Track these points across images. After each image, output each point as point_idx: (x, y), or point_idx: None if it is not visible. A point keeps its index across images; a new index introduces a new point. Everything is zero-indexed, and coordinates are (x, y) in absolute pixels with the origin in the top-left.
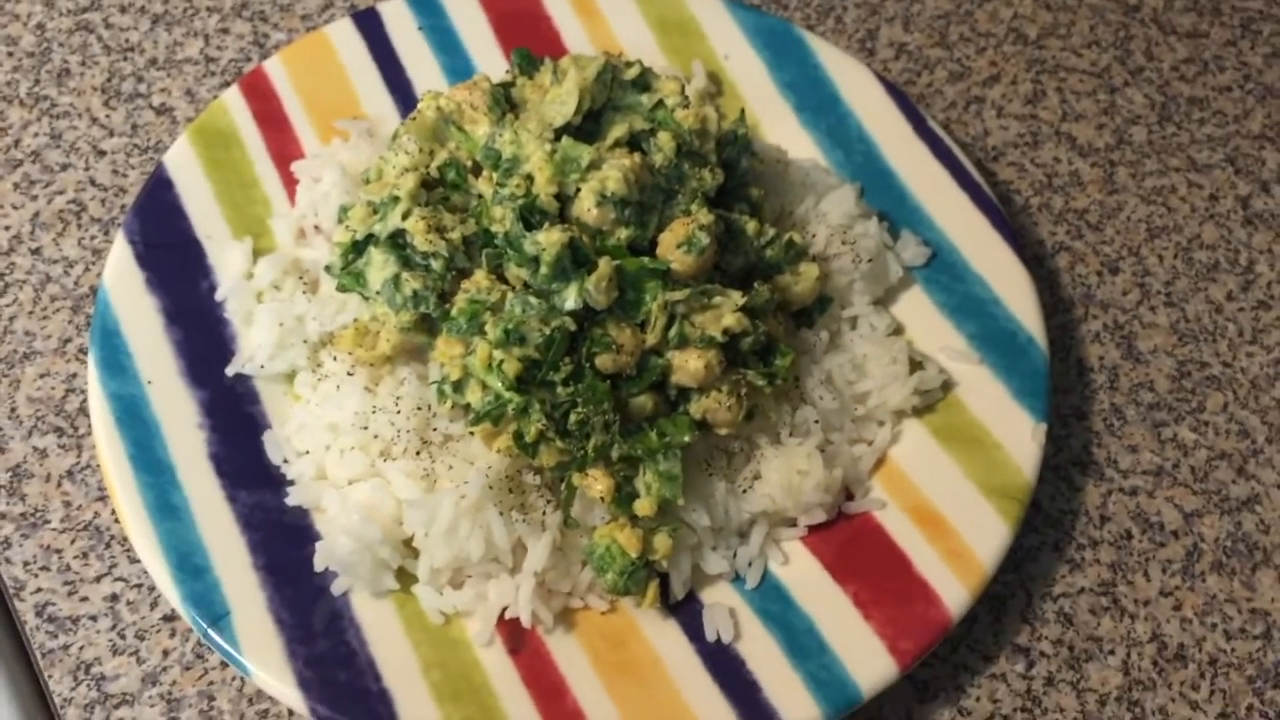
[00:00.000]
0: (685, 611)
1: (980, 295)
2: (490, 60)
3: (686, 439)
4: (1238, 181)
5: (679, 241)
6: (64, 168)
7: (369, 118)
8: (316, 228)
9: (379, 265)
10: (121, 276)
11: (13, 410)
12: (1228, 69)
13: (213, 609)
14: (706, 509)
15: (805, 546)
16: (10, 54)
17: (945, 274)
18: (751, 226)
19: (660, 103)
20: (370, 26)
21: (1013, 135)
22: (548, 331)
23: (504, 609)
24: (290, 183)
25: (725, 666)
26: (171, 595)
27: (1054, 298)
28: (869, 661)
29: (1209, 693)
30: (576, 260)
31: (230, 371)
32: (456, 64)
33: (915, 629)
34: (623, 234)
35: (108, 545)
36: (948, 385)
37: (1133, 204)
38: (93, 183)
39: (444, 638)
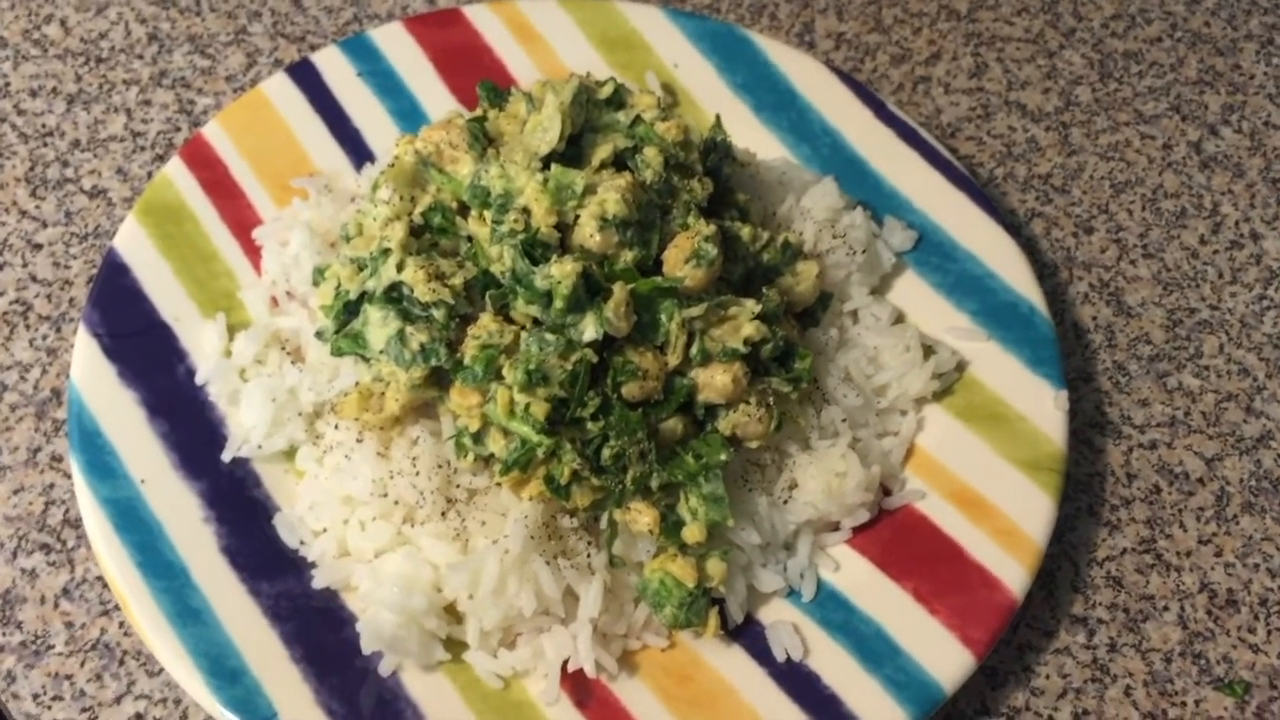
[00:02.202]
0: (747, 635)
1: (974, 271)
2: (437, 98)
3: (723, 457)
4: (1186, 128)
5: (685, 256)
6: (0, 267)
7: (323, 173)
8: (289, 294)
9: (378, 323)
10: (92, 373)
11: None
12: (1154, 20)
13: (259, 712)
14: (754, 525)
15: (853, 549)
16: None
17: (935, 255)
18: (746, 232)
19: (638, 118)
20: (307, 78)
21: (964, 110)
22: (569, 367)
23: (565, 661)
24: (253, 251)
25: (800, 684)
26: (210, 705)
27: (1037, 264)
28: (944, 656)
29: (1266, 634)
30: (589, 289)
31: (226, 457)
32: (402, 106)
33: (982, 616)
34: (628, 256)
35: (121, 662)
36: (961, 365)
37: (1093, 163)
38: (34, 279)
39: (506, 702)
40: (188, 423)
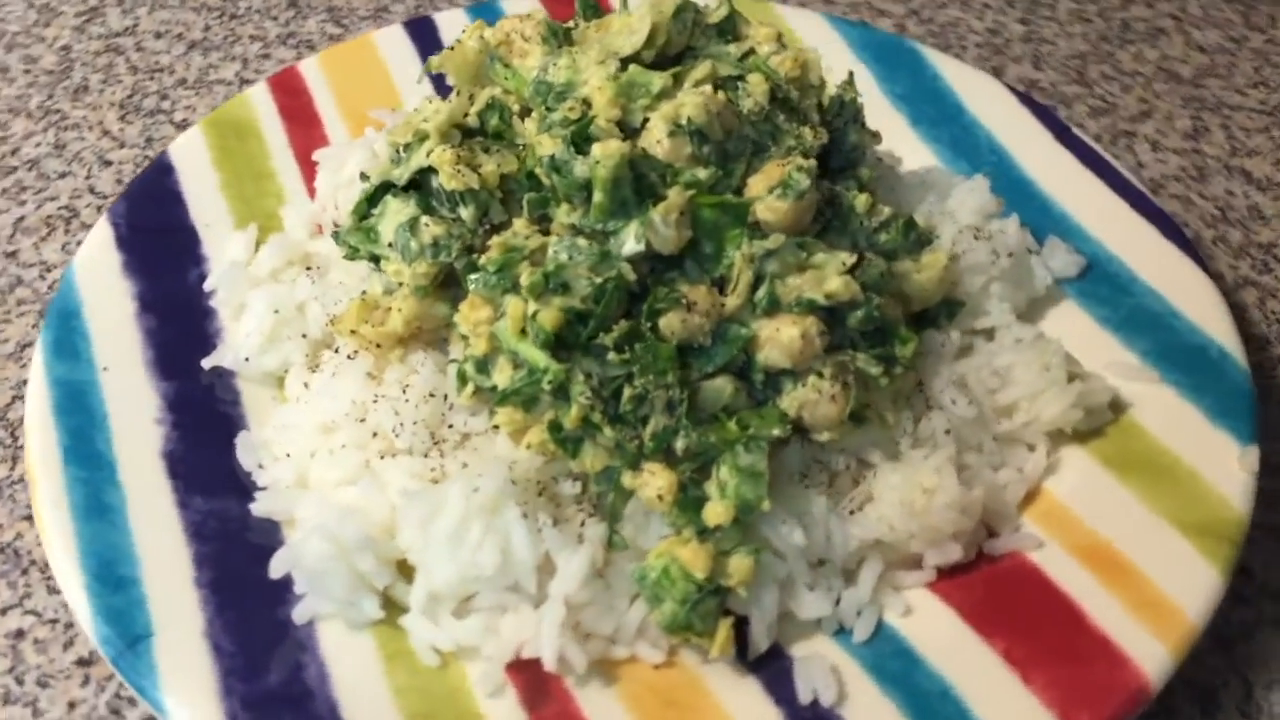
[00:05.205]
0: (769, 669)
1: (1153, 308)
2: None
3: (776, 432)
4: None
5: (771, 185)
6: (62, 175)
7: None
8: (337, 225)
9: (394, 213)
10: (94, 257)
11: None
12: None
13: (131, 628)
14: (800, 526)
15: (934, 594)
16: (27, 71)
17: (1106, 286)
18: (861, 201)
19: (750, 51)
20: (422, 32)
21: (1173, 168)
22: (598, 281)
23: (520, 647)
24: (314, 179)
25: None
26: (81, 609)
27: (1244, 334)
28: None
29: None
30: (640, 192)
31: (207, 364)
32: None
33: (1094, 695)
34: (700, 174)
35: (24, 571)
36: (1118, 405)
37: None
38: (91, 190)
39: (438, 685)
40: (179, 324)
